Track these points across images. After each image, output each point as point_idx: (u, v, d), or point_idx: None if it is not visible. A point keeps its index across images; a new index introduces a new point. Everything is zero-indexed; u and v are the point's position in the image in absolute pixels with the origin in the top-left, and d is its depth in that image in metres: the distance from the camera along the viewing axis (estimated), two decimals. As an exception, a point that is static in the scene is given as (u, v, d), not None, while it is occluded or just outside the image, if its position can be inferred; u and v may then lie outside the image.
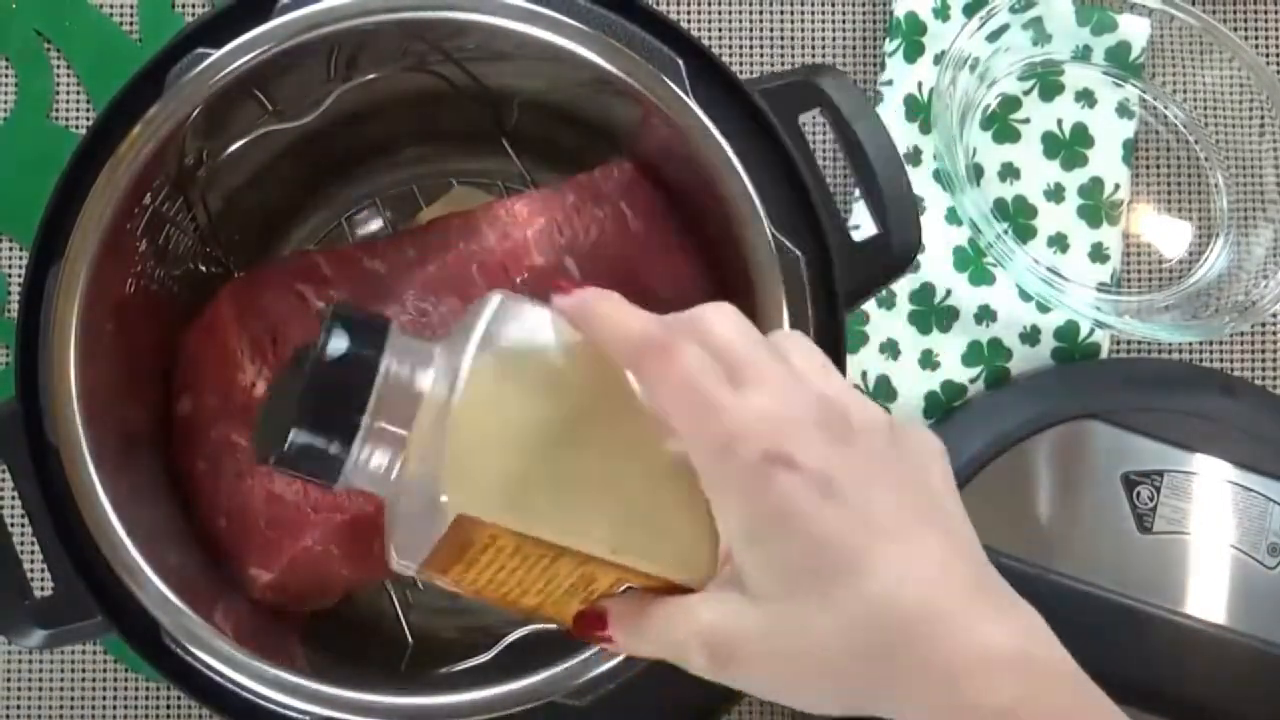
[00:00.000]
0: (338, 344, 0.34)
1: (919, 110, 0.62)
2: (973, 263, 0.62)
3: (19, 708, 0.60)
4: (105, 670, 0.60)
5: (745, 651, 0.32)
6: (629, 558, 0.33)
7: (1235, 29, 0.64)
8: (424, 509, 0.33)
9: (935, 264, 0.61)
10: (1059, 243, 0.62)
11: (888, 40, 0.63)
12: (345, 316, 0.34)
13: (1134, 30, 0.63)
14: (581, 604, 0.34)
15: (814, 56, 0.64)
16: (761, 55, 0.64)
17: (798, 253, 0.45)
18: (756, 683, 0.32)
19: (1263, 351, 0.63)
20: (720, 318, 0.32)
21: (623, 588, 0.34)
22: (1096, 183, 0.63)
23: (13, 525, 0.48)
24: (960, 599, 0.30)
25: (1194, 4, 0.62)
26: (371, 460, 0.34)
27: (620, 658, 0.43)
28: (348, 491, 0.42)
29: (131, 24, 0.63)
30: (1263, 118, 0.61)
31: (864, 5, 0.64)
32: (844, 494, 0.30)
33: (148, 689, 0.60)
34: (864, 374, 0.61)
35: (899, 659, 0.30)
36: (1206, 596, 0.55)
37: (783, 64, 0.64)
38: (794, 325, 0.45)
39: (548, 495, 0.33)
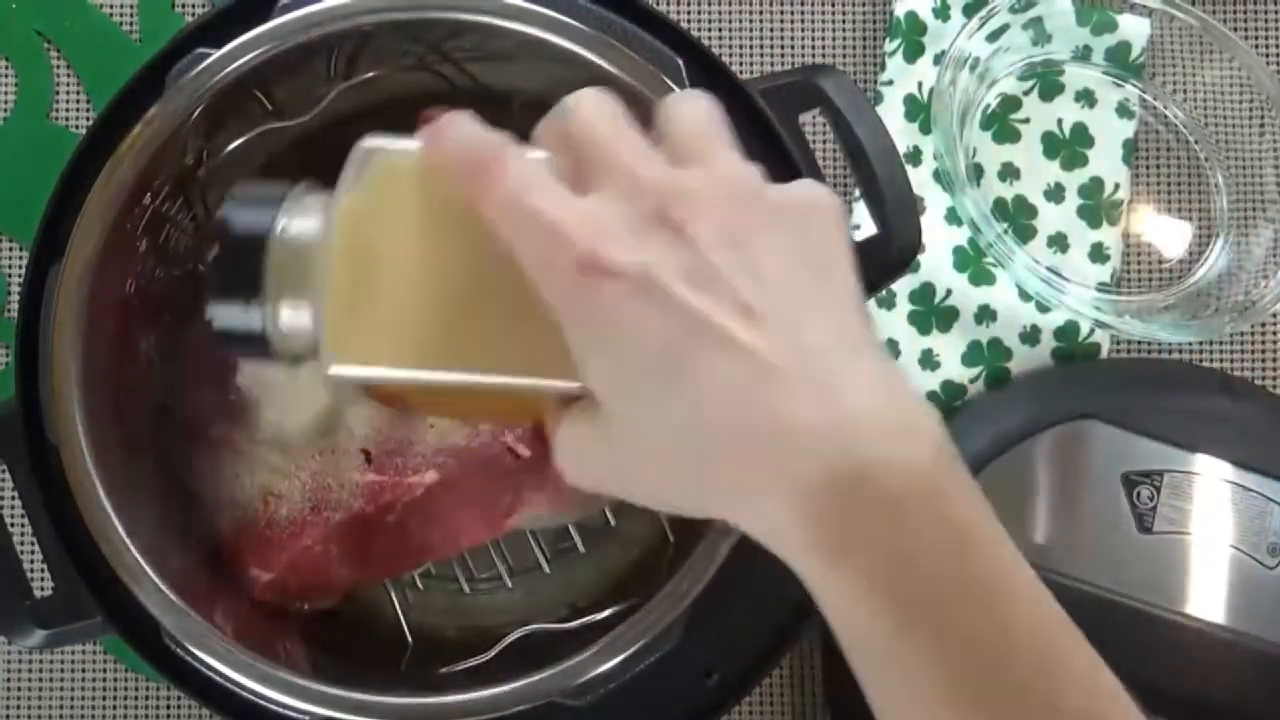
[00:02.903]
0: (223, 231, 0.34)
1: (919, 110, 0.62)
2: (973, 263, 0.62)
3: (19, 708, 0.60)
4: (105, 670, 0.60)
5: (591, 458, 0.32)
6: (520, 388, 0.32)
7: (1235, 29, 0.64)
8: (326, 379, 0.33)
9: (935, 264, 0.61)
10: (1059, 243, 0.62)
11: (888, 40, 0.63)
12: (235, 198, 0.34)
13: (1134, 30, 0.63)
14: (538, 416, 0.34)
15: (814, 56, 0.64)
16: (761, 55, 0.64)
17: (798, 253, 0.45)
18: (606, 486, 0.32)
19: (1263, 351, 0.63)
20: (583, 106, 0.31)
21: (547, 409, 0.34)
22: (1096, 183, 0.63)
23: (13, 525, 0.48)
24: (780, 395, 0.28)
25: (1194, 4, 0.62)
26: (292, 329, 0.34)
27: (619, 658, 0.43)
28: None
29: (131, 24, 0.63)
30: (1263, 118, 0.61)
31: (864, 5, 0.64)
32: (667, 293, 0.28)
33: (148, 689, 0.60)
34: (864, 374, 0.61)
35: (712, 462, 0.29)
36: (1206, 596, 0.55)
37: (783, 64, 0.64)
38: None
39: (419, 347, 0.32)
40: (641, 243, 0.29)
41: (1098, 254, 0.62)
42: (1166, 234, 0.63)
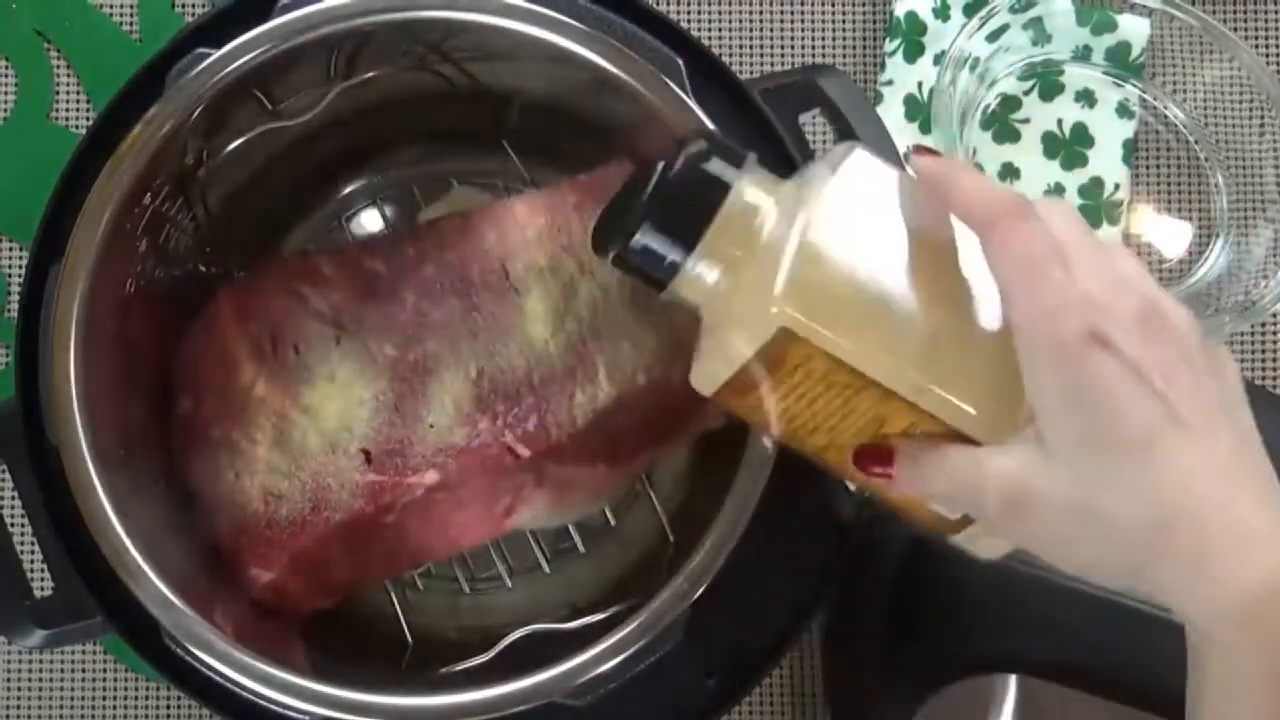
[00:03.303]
0: (699, 159, 0.37)
1: (919, 110, 0.62)
2: (973, 263, 0.62)
3: (19, 708, 0.60)
4: (105, 670, 0.60)
5: (1038, 505, 0.34)
6: (932, 401, 0.35)
7: (1235, 29, 0.64)
8: (741, 328, 0.36)
9: (935, 264, 0.61)
10: (1059, 243, 0.62)
11: (888, 40, 0.63)
12: (710, 136, 0.38)
13: (1134, 30, 0.63)
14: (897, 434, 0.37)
15: (814, 56, 0.64)
16: (761, 55, 0.64)
17: (798, 253, 0.45)
18: (1039, 538, 0.35)
19: (1263, 351, 0.63)
20: (1058, 209, 0.35)
21: (911, 433, 0.36)
22: (1096, 183, 0.63)
23: (13, 525, 0.48)
24: (1234, 493, 0.33)
25: (1194, 4, 0.62)
26: (703, 273, 0.37)
27: (619, 659, 0.43)
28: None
29: (131, 24, 0.63)
30: (1263, 118, 0.61)
31: (864, 5, 0.64)
32: (1152, 383, 0.33)
33: (148, 689, 0.60)
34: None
35: (1168, 541, 0.33)
36: (1206, 596, 0.55)
37: (783, 64, 0.64)
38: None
39: (869, 327, 0.35)
40: (1134, 335, 0.33)
41: (1098, 254, 0.62)
42: (1166, 234, 0.63)
